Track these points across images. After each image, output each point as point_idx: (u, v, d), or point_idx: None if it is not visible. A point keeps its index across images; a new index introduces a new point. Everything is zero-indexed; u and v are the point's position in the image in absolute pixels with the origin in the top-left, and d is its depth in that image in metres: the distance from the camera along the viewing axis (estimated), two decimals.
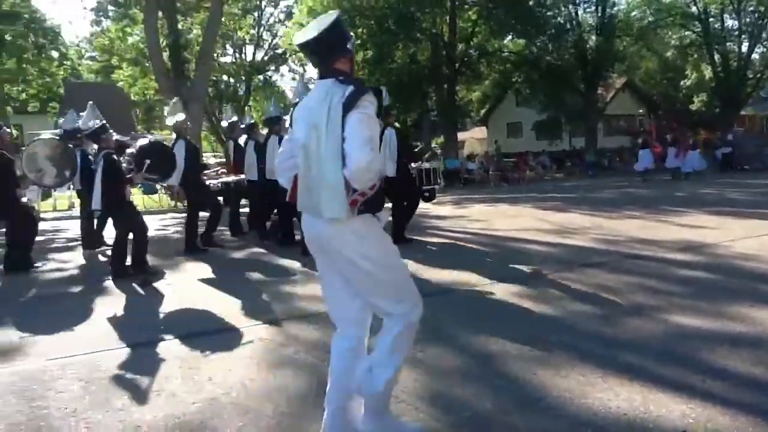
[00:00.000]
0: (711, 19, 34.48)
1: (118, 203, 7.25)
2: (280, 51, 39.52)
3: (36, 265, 8.08)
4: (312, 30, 2.64)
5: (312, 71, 53.75)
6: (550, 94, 30.97)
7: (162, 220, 14.88)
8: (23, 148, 8.10)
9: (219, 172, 10.48)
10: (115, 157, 7.32)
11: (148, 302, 6.10)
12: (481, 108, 44.08)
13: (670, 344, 4.06)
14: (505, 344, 4.20)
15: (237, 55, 41.13)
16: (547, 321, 4.83)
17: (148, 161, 7.37)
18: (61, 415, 3.33)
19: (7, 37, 20.18)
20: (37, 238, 8.56)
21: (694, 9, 34.29)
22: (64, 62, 24.11)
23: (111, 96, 35.46)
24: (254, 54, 40.03)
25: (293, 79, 49.71)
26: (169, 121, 9.11)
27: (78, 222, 9.86)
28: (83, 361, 4.22)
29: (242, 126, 10.87)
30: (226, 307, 5.71)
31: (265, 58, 40.44)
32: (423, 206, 13.52)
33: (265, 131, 10.15)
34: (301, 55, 33.69)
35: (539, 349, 4.08)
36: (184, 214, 9.41)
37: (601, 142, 34.21)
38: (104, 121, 7.68)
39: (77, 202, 18.10)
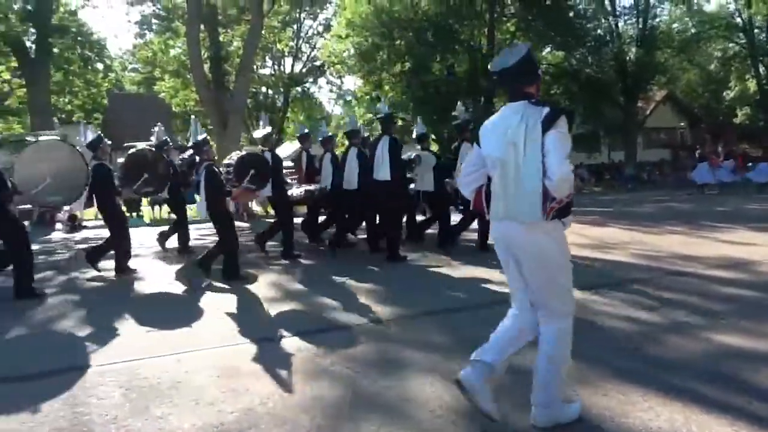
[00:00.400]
0: (756, 31, 33.75)
1: (220, 213, 7.70)
2: (318, 63, 39.88)
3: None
4: (509, 59, 3.07)
5: (349, 83, 54.15)
6: (590, 106, 30.60)
7: (200, 229, 15.08)
8: (120, 160, 8.66)
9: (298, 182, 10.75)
10: (215, 168, 7.76)
11: (186, 312, 6.18)
12: None
13: (713, 364, 3.97)
14: None
15: (276, 66, 41.68)
16: (587, 337, 4.75)
17: (252, 171, 8.04)
18: (102, 422, 3.39)
19: (56, 50, 20.76)
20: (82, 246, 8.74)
21: (738, 20, 33.62)
22: (109, 74, 24.64)
23: (152, 107, 36.25)
24: (293, 66, 40.50)
25: (330, 90, 50.29)
26: (257, 134, 9.76)
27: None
28: (123, 368, 4.30)
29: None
30: (263, 317, 5.77)
31: (303, 70, 40.85)
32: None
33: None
34: (339, 67, 33.95)
35: (579, 366, 4.02)
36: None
37: (640, 155, 33.70)
38: (206, 135, 8.34)
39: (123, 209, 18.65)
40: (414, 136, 10.55)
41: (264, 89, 39.55)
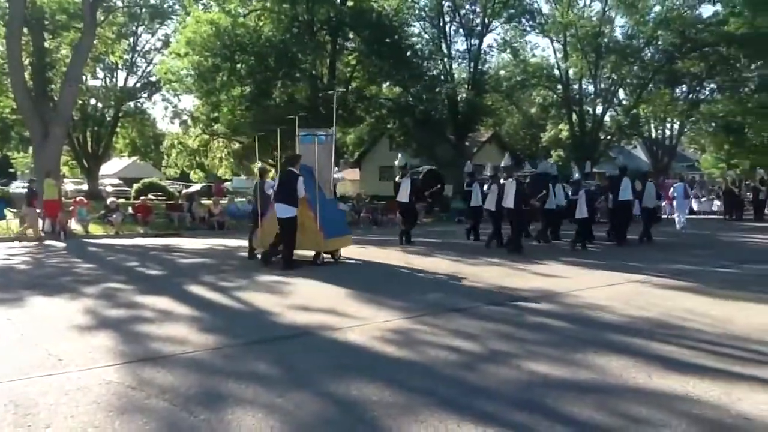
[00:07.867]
0: (571, 83, 37.42)
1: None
2: (154, 79, 38.23)
3: None
4: None
5: (186, 102, 52.16)
6: (423, 141, 32.04)
7: (10, 248, 13.82)
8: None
9: None
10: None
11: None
12: (355, 150, 44.95)
13: (523, 391, 4.22)
14: (365, 389, 4.21)
15: (108, 79, 39.51)
16: (408, 366, 4.89)
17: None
18: None
19: None
20: None
21: (556, 72, 37.17)
22: None
23: None
24: (126, 79, 38.56)
25: (165, 108, 48.47)
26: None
27: None
28: None
29: None
30: (71, 346, 5.33)
31: (138, 84, 39.01)
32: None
33: None
34: (175, 85, 32.76)
35: (400, 394, 4.11)
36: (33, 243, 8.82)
37: None
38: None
39: None
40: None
41: (93, 101, 37.21)
